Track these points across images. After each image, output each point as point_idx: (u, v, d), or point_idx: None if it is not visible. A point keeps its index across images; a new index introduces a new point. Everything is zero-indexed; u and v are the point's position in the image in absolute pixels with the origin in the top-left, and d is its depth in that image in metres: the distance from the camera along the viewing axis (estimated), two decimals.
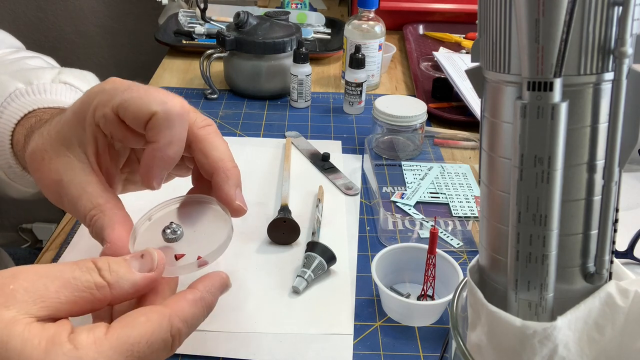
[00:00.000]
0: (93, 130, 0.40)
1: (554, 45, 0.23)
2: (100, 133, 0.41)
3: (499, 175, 0.28)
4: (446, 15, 1.32)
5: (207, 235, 0.41)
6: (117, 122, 0.40)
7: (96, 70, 0.64)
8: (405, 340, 0.52)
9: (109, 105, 0.39)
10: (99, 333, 0.31)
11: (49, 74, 0.56)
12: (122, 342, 0.31)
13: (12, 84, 0.53)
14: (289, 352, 0.50)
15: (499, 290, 0.30)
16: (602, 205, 0.27)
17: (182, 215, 0.43)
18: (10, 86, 0.53)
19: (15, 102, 0.52)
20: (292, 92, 0.95)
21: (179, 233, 0.41)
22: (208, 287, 0.37)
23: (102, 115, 0.40)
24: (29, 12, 2.12)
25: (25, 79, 0.54)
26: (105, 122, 0.40)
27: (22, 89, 0.53)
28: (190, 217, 0.43)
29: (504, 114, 0.27)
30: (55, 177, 0.40)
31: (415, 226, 0.67)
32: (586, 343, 0.28)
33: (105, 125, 0.40)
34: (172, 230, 0.41)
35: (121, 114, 0.39)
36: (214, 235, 0.41)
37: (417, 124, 0.80)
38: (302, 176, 0.76)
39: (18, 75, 0.55)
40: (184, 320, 0.34)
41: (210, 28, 1.13)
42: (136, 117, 0.39)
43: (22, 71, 0.56)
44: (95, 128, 0.40)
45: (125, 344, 0.31)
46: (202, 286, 0.37)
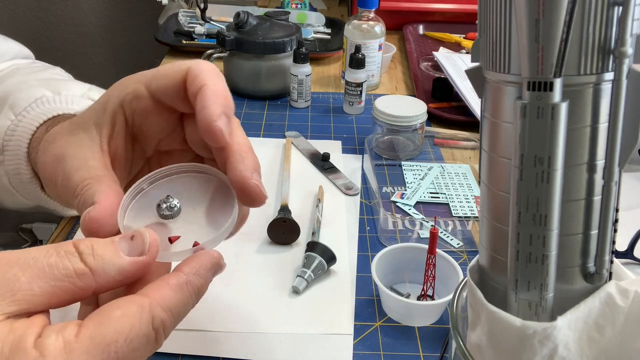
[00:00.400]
0: (114, 111, 0.38)
1: (554, 45, 0.23)
2: (120, 114, 0.38)
3: (499, 175, 0.28)
4: (446, 15, 1.32)
5: (208, 215, 0.36)
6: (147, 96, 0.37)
7: (96, 70, 0.64)
8: (405, 340, 0.52)
9: (141, 81, 0.37)
10: (69, 335, 0.27)
11: (78, 88, 0.55)
12: (97, 343, 0.27)
13: (40, 91, 0.52)
14: (289, 352, 0.50)
15: (499, 290, 0.30)
16: (602, 205, 0.27)
17: (180, 188, 0.38)
18: (38, 92, 0.52)
19: (40, 107, 0.50)
20: (292, 92, 0.95)
21: (175, 210, 0.35)
22: (196, 269, 0.32)
23: (132, 91, 0.37)
24: (29, 12, 2.12)
25: (53, 89, 0.53)
26: (132, 97, 0.37)
27: (50, 97, 0.52)
28: (190, 190, 0.37)
29: (504, 114, 0.27)
30: (58, 152, 0.38)
31: (415, 226, 0.67)
32: (586, 343, 0.28)
33: (132, 102, 0.37)
34: (168, 205, 0.35)
35: (154, 83, 0.37)
36: (216, 216, 0.36)
37: (417, 124, 0.80)
38: (302, 176, 0.76)
39: (46, 84, 0.53)
40: (168, 309, 0.30)
41: (210, 28, 1.13)
42: (172, 79, 0.36)
43: (52, 81, 0.55)
44: (117, 108, 0.38)
45: (100, 344, 0.27)
46: (188, 268, 0.32)
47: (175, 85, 0.36)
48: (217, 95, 0.35)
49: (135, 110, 0.38)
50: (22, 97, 0.51)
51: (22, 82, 0.54)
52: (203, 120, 0.34)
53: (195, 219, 0.36)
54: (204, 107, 0.34)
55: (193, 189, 0.37)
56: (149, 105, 0.37)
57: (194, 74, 0.35)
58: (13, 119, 0.50)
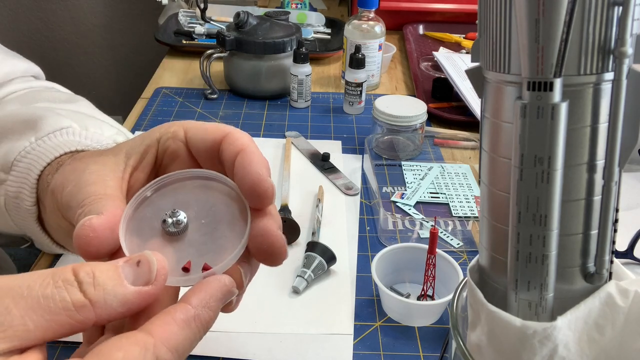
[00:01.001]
0: (149, 144, 0.37)
1: (554, 45, 0.23)
2: (154, 149, 0.37)
3: (499, 175, 0.28)
4: (446, 15, 1.32)
5: (219, 230, 0.33)
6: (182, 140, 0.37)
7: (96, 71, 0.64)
8: (405, 340, 0.52)
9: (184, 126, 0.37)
10: None
11: (108, 130, 0.53)
12: None
13: (66, 121, 0.50)
14: (289, 352, 0.50)
15: (499, 290, 0.30)
16: (602, 205, 0.27)
17: (187, 197, 0.34)
18: (64, 122, 0.49)
19: (64, 137, 0.48)
20: (292, 92, 0.95)
21: (182, 226, 0.32)
22: (205, 301, 0.29)
23: (172, 131, 0.37)
24: (29, 12, 2.12)
25: (81, 123, 0.51)
26: (170, 137, 0.37)
27: (76, 130, 0.49)
28: (198, 200, 0.34)
29: (504, 114, 0.27)
30: (79, 165, 0.36)
31: (415, 226, 0.67)
32: (586, 343, 0.28)
33: (167, 141, 0.37)
34: (175, 221, 0.32)
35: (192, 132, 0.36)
36: (227, 230, 0.33)
37: (417, 124, 0.80)
38: (302, 176, 0.76)
39: (75, 117, 0.51)
40: (174, 349, 0.28)
41: (210, 28, 1.13)
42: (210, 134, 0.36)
43: (82, 115, 0.53)
44: (153, 142, 0.37)
45: None
46: (196, 300, 0.29)
47: (210, 141, 0.35)
48: (261, 159, 0.34)
49: (167, 150, 0.37)
50: (48, 123, 0.49)
51: (50, 109, 0.52)
52: (253, 176, 0.32)
53: (204, 235, 0.33)
54: (252, 163, 0.33)
55: (201, 199, 0.34)
56: (180, 149, 0.37)
57: (234, 137, 0.35)
58: (32, 141, 0.48)
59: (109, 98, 2.25)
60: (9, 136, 0.49)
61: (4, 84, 0.60)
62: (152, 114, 0.93)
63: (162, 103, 0.97)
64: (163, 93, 1.00)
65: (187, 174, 0.35)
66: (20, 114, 0.51)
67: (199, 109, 0.95)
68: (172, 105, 0.96)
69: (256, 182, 0.32)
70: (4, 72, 0.60)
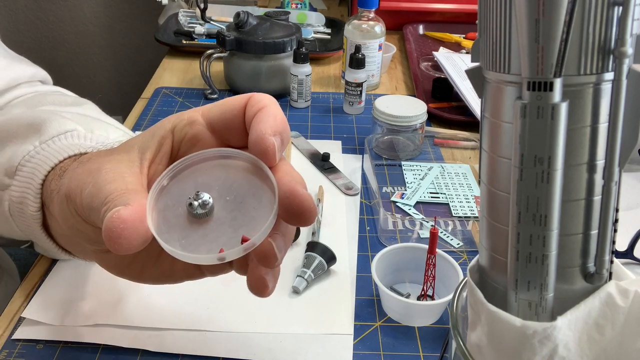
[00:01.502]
0: (163, 135, 0.36)
1: (554, 45, 0.23)
2: (169, 139, 0.36)
3: (499, 175, 0.28)
4: (446, 15, 1.32)
5: (246, 203, 0.32)
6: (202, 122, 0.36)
7: (96, 71, 0.64)
8: (405, 340, 0.52)
9: (199, 110, 0.37)
10: None
11: (113, 133, 0.52)
12: None
13: (71, 124, 0.49)
14: (289, 352, 0.50)
15: (499, 290, 0.30)
16: (602, 205, 0.27)
17: (206, 179, 0.34)
18: (69, 125, 0.49)
19: (69, 140, 0.47)
20: (292, 92, 0.95)
21: (209, 206, 0.32)
22: None
23: (187, 118, 0.36)
24: (29, 12, 2.12)
25: (87, 126, 0.50)
26: (186, 123, 0.36)
27: (81, 133, 0.49)
28: (218, 179, 0.33)
29: (504, 114, 0.27)
30: (93, 166, 0.35)
31: (415, 226, 0.67)
32: (586, 343, 0.28)
33: (184, 128, 0.36)
34: (201, 202, 0.31)
35: (213, 110, 0.36)
36: (255, 201, 0.32)
37: (417, 124, 0.80)
38: (302, 176, 0.76)
39: (80, 120, 0.51)
40: None
41: (210, 28, 1.13)
42: (231, 106, 0.35)
43: (87, 118, 0.53)
44: (167, 133, 0.36)
45: None
46: None
47: (233, 110, 0.35)
48: (275, 117, 0.34)
49: (186, 136, 0.36)
50: (52, 126, 0.48)
51: (55, 113, 0.52)
52: (256, 134, 0.32)
53: (233, 211, 0.32)
54: (259, 122, 0.33)
55: (221, 177, 0.33)
56: (202, 131, 0.36)
57: (256, 99, 0.35)
58: (37, 145, 0.47)
59: (109, 98, 2.25)
60: (13, 140, 0.49)
61: (10, 88, 0.60)
62: (152, 114, 0.93)
63: (162, 103, 0.97)
64: (163, 93, 1.00)
65: (201, 156, 0.34)
66: (25, 118, 0.51)
67: None
68: (172, 105, 0.96)
69: (256, 141, 0.32)
70: (10, 77, 0.60)
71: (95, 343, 0.50)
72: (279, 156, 0.33)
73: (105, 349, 0.50)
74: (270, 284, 0.34)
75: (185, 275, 0.39)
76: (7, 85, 0.59)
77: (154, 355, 0.50)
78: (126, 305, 0.53)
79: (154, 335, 0.51)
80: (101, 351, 0.50)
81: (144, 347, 0.50)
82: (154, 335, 0.51)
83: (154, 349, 0.50)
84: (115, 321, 0.52)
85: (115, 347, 0.50)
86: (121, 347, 0.50)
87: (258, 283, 0.34)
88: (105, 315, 0.52)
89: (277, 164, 0.34)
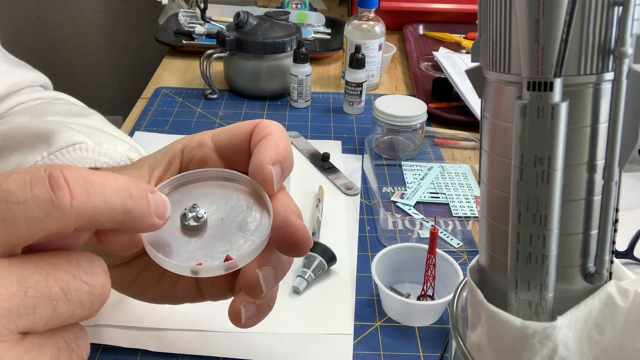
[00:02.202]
0: (173, 155, 0.37)
1: (554, 45, 0.23)
2: (178, 159, 0.37)
3: (499, 175, 0.28)
4: (446, 15, 1.32)
5: (239, 228, 0.32)
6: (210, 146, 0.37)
7: (96, 71, 0.63)
8: (405, 340, 0.52)
9: (210, 133, 0.37)
10: None
11: (120, 146, 0.52)
12: None
13: (80, 136, 0.49)
14: (289, 352, 0.50)
15: (499, 290, 0.30)
16: (602, 205, 0.27)
17: (206, 195, 0.34)
18: (77, 137, 0.48)
19: (77, 153, 0.47)
20: (292, 92, 0.95)
21: (202, 220, 0.32)
22: None
23: (197, 140, 0.37)
24: (29, 12, 2.12)
25: (95, 139, 0.50)
26: (195, 145, 0.37)
27: (90, 146, 0.48)
28: (216, 198, 0.33)
29: (504, 114, 0.27)
30: None
31: (415, 226, 0.67)
32: (586, 343, 0.28)
33: (193, 150, 0.37)
34: (195, 216, 0.31)
35: (222, 134, 0.36)
36: (248, 225, 0.32)
37: (417, 124, 0.80)
38: (302, 176, 0.76)
39: (88, 132, 0.51)
40: None
41: (210, 28, 1.13)
42: (238, 131, 0.36)
43: (93, 130, 0.52)
44: (177, 153, 0.37)
45: None
46: None
47: (240, 136, 0.36)
48: (278, 145, 0.34)
49: (195, 157, 0.37)
50: (61, 137, 0.48)
51: (62, 124, 0.51)
52: (256, 162, 0.33)
53: (224, 232, 0.32)
54: (261, 150, 0.33)
55: (219, 197, 0.33)
56: (210, 154, 0.36)
57: (262, 126, 0.35)
58: (45, 155, 0.47)
59: (109, 98, 2.25)
60: (19, 149, 0.49)
61: (11, 94, 0.59)
62: (152, 114, 0.93)
63: (162, 103, 0.97)
64: (163, 93, 1.00)
65: (204, 173, 0.34)
66: (32, 127, 0.50)
67: (199, 109, 0.95)
68: (172, 105, 0.96)
69: (256, 169, 0.33)
70: (11, 82, 0.59)
71: (95, 343, 0.50)
72: (278, 185, 0.33)
73: (105, 349, 0.50)
74: (244, 315, 0.34)
75: (187, 297, 0.39)
76: (8, 90, 0.59)
77: (154, 355, 0.50)
78: (126, 306, 0.53)
79: (154, 335, 0.51)
80: (101, 351, 0.50)
81: (144, 347, 0.50)
82: (154, 335, 0.51)
83: (154, 349, 0.50)
84: (115, 321, 0.52)
85: (115, 347, 0.50)
86: (121, 347, 0.50)
87: (232, 310, 0.34)
88: (105, 315, 0.52)
89: (276, 193, 0.34)
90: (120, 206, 0.25)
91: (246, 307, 0.34)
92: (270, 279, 0.33)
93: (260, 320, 0.35)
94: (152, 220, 0.27)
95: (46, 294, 0.23)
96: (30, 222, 0.23)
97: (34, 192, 0.22)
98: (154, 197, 0.27)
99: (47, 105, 0.58)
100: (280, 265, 0.34)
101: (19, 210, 0.22)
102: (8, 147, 0.49)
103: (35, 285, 0.23)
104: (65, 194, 0.23)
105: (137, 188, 0.26)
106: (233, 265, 0.30)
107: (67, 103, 0.61)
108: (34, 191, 0.23)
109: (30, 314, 0.22)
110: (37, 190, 0.23)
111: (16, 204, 0.22)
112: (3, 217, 0.22)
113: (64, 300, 0.23)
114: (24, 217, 0.22)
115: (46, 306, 0.23)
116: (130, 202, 0.26)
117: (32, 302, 0.22)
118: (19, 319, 0.22)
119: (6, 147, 0.50)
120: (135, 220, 0.26)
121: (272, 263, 0.33)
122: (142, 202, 0.26)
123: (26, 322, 0.22)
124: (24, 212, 0.22)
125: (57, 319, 0.23)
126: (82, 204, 0.23)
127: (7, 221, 0.22)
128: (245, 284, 0.32)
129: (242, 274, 0.32)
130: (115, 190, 0.25)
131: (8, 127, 0.52)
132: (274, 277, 0.33)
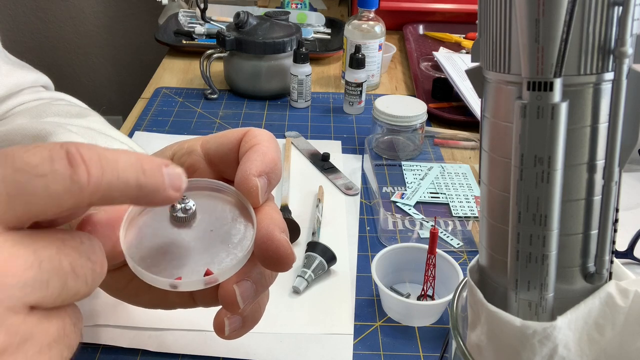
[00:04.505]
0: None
1: (554, 45, 0.23)
2: None
3: (499, 175, 0.28)
4: (446, 15, 1.32)
5: (223, 239, 0.32)
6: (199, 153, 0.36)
7: (96, 71, 0.63)
8: (405, 340, 0.52)
9: (199, 140, 0.37)
10: None
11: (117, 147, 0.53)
12: None
13: (77, 138, 0.49)
14: (289, 352, 0.50)
15: (499, 290, 0.30)
16: (602, 205, 0.27)
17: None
18: (75, 139, 0.48)
19: None
20: (292, 92, 0.95)
21: (190, 212, 0.31)
22: None
23: (187, 147, 0.36)
24: (29, 12, 2.12)
25: (92, 141, 0.50)
26: (185, 152, 0.36)
27: None
28: (203, 208, 0.33)
29: (504, 114, 0.27)
30: None
31: (415, 226, 0.67)
32: (586, 343, 0.28)
33: (182, 156, 0.36)
34: (183, 208, 0.31)
35: (211, 142, 0.36)
36: (232, 238, 0.32)
37: (417, 124, 0.80)
38: (302, 176, 0.76)
39: (85, 133, 0.51)
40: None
41: (210, 28, 1.13)
42: (228, 139, 0.35)
43: (90, 131, 0.52)
44: (166, 159, 0.35)
45: None
46: None
47: (229, 144, 0.35)
48: (265, 156, 0.33)
49: (184, 165, 0.36)
50: (59, 139, 0.48)
51: (60, 125, 0.51)
52: (241, 173, 0.32)
53: (208, 244, 0.32)
54: (247, 161, 0.33)
55: (205, 208, 0.33)
56: (199, 162, 0.36)
57: (251, 135, 0.35)
58: None
59: (109, 98, 2.25)
60: None
61: (12, 95, 0.59)
62: (152, 114, 0.93)
63: (162, 103, 0.97)
64: (163, 93, 1.00)
65: (192, 183, 0.33)
66: (30, 129, 0.50)
67: (199, 109, 0.95)
68: (172, 105, 0.96)
69: (241, 181, 0.32)
70: (12, 83, 0.59)
71: (95, 343, 0.50)
72: (263, 197, 0.33)
73: (105, 349, 0.50)
74: (227, 328, 0.34)
75: (179, 303, 0.39)
76: (9, 91, 0.59)
77: (154, 355, 0.50)
78: (126, 306, 0.53)
79: (154, 335, 0.51)
80: (101, 351, 0.50)
81: (144, 347, 0.50)
82: (154, 335, 0.51)
83: (154, 349, 0.50)
84: (115, 321, 0.52)
85: (115, 347, 0.50)
86: (121, 347, 0.50)
87: (216, 322, 0.34)
88: (105, 315, 0.52)
89: (262, 206, 0.33)
90: (133, 181, 0.25)
91: (230, 319, 0.34)
92: (249, 294, 0.32)
93: (245, 332, 0.35)
94: (167, 192, 0.27)
95: (58, 268, 0.23)
96: (49, 196, 0.22)
97: (54, 166, 0.22)
98: (168, 171, 0.27)
99: (47, 106, 0.58)
100: (262, 280, 0.34)
101: (41, 183, 0.22)
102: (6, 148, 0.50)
103: (49, 259, 0.23)
104: (82, 170, 0.23)
105: (150, 163, 0.26)
106: (213, 280, 0.30)
107: (67, 104, 0.61)
108: (55, 166, 0.22)
109: (44, 288, 0.22)
110: (57, 165, 0.22)
111: (38, 176, 0.22)
112: (25, 189, 0.22)
113: (73, 276, 0.23)
114: (45, 190, 0.22)
115: (58, 281, 0.23)
116: (143, 177, 0.25)
117: (45, 277, 0.22)
118: (32, 292, 0.22)
119: None
120: (150, 195, 0.26)
121: (253, 277, 0.33)
122: (155, 176, 0.26)
123: (38, 296, 0.22)
124: (45, 186, 0.22)
125: (65, 295, 0.23)
126: (97, 179, 0.23)
127: (27, 194, 0.22)
128: (222, 299, 0.32)
129: (220, 289, 0.32)
130: (128, 166, 0.25)
131: (7, 128, 0.52)
132: (254, 291, 0.33)
